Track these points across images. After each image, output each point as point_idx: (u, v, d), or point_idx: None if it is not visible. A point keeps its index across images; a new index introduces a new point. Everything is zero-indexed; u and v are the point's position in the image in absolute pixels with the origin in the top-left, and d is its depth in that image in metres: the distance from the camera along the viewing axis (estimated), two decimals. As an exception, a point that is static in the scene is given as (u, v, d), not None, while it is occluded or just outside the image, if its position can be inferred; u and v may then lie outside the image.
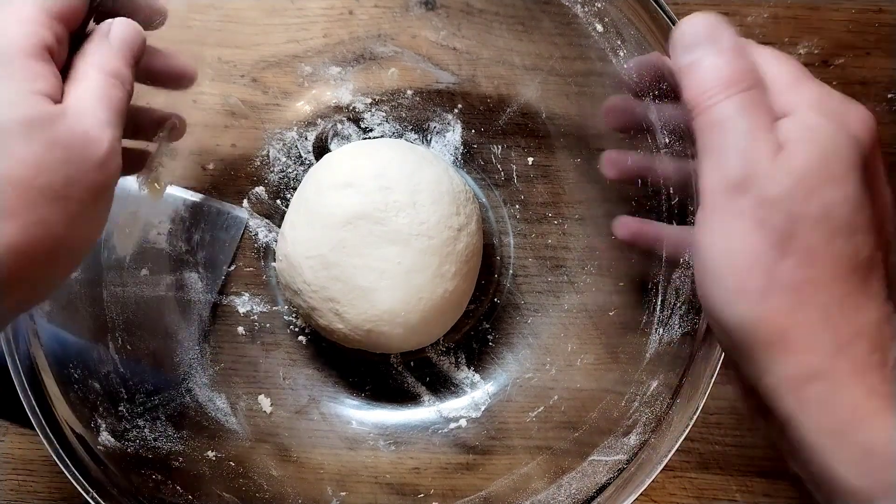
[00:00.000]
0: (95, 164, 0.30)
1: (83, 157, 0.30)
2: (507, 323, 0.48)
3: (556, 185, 0.48)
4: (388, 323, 0.44)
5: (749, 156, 0.29)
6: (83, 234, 0.32)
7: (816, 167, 0.29)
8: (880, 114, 0.47)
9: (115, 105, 0.32)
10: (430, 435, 0.47)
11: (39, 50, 0.30)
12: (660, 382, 0.40)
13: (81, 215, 0.30)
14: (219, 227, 0.48)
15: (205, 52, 0.40)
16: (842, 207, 0.28)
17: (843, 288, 0.28)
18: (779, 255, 0.29)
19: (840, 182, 0.29)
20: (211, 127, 0.47)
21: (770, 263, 0.29)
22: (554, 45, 0.45)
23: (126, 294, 0.44)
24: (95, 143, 0.30)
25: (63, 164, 0.29)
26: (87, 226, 0.31)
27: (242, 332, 0.48)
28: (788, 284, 0.29)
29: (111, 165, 0.31)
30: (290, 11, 0.47)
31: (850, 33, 0.47)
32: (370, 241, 0.43)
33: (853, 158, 0.29)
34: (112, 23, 0.33)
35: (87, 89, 0.31)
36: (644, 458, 0.38)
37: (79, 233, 0.31)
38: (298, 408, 0.47)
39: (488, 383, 0.48)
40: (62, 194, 0.29)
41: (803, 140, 0.29)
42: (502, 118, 0.48)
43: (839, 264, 0.28)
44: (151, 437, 0.42)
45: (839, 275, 0.28)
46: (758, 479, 0.46)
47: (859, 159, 0.29)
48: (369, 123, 0.49)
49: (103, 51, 0.32)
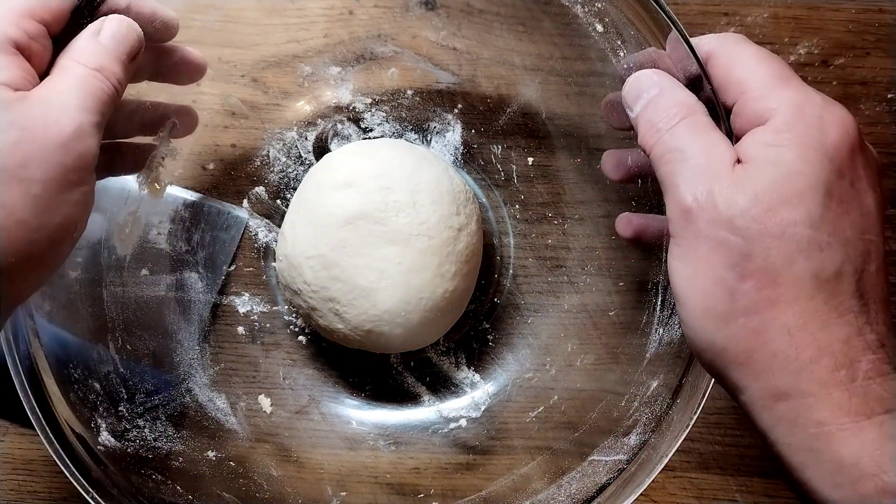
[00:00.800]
0: (57, 144, 0.30)
1: (44, 139, 0.30)
2: (507, 323, 0.48)
3: (556, 185, 0.48)
4: (389, 323, 0.44)
5: (701, 178, 0.30)
6: (59, 222, 0.31)
7: (773, 186, 0.29)
8: (880, 114, 0.47)
9: (92, 94, 0.32)
10: (430, 435, 0.47)
11: (2, 44, 0.30)
12: (660, 383, 0.40)
13: (50, 199, 0.30)
14: (219, 227, 0.48)
15: (205, 52, 0.40)
16: (802, 226, 0.28)
17: (808, 306, 0.28)
18: (738, 277, 0.29)
19: (800, 201, 0.28)
20: (211, 127, 0.47)
21: (730, 286, 0.29)
22: (554, 46, 0.45)
23: (126, 294, 0.44)
24: (57, 125, 0.30)
25: (17, 144, 0.29)
26: (59, 211, 0.31)
27: (242, 332, 0.48)
28: (750, 306, 0.29)
29: (77, 147, 0.30)
30: (290, 11, 0.47)
31: (850, 33, 0.47)
32: (370, 241, 0.43)
33: (819, 175, 0.29)
34: (104, 20, 0.33)
35: (62, 80, 0.31)
36: (644, 458, 0.38)
37: (53, 219, 0.31)
38: (298, 408, 0.47)
39: (488, 383, 0.48)
40: (20, 175, 0.29)
41: (764, 159, 0.29)
42: (502, 118, 0.48)
43: (801, 284, 0.28)
44: (151, 437, 0.42)
45: (802, 294, 0.28)
46: (758, 479, 0.46)
47: (828, 174, 0.29)
48: (369, 123, 0.49)
49: (88, 46, 0.33)
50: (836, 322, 0.28)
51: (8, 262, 0.30)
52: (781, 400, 0.28)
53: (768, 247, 0.28)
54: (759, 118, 0.30)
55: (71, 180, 0.31)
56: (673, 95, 0.32)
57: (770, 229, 0.28)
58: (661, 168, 0.31)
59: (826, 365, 0.28)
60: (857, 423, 0.27)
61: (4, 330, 0.37)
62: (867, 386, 0.28)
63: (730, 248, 0.29)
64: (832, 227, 0.29)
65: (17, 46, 0.31)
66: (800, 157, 0.29)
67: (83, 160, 0.31)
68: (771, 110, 0.30)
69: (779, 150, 0.29)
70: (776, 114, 0.30)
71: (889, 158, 0.47)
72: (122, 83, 0.33)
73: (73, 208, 0.31)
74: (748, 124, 0.31)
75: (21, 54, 0.31)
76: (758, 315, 0.29)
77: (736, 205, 0.29)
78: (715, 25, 0.48)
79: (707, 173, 0.30)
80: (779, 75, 0.31)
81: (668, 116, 0.31)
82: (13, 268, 0.30)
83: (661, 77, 0.33)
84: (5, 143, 0.29)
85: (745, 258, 0.28)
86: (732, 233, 0.29)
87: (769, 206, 0.28)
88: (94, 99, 0.32)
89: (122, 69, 0.33)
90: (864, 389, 0.28)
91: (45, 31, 0.32)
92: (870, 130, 0.47)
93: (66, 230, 0.32)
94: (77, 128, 0.30)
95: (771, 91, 0.30)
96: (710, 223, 0.29)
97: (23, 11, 0.31)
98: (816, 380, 0.28)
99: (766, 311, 0.28)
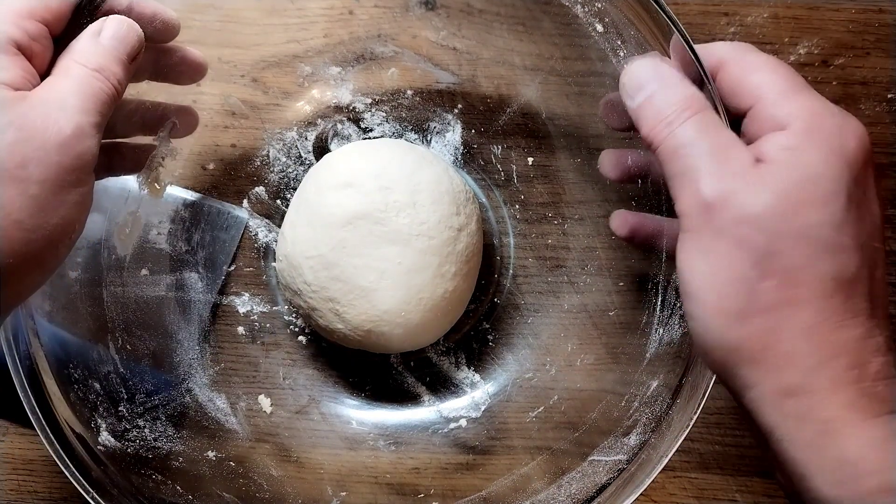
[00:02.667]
0: (56, 145, 0.30)
1: (42, 139, 0.30)
2: (507, 323, 0.48)
3: (556, 186, 0.48)
4: (389, 323, 0.44)
5: (721, 174, 0.29)
6: (57, 223, 0.31)
7: (798, 187, 0.29)
8: (880, 114, 0.47)
9: (92, 94, 0.32)
10: (430, 435, 0.47)
11: (3, 44, 0.30)
12: (660, 382, 0.40)
13: (47, 200, 0.30)
14: (219, 227, 0.48)
15: (205, 52, 0.40)
16: (825, 228, 0.29)
17: (826, 306, 0.28)
18: (759, 276, 0.29)
19: (824, 204, 0.29)
20: (211, 127, 0.48)
21: (751, 284, 0.29)
22: (554, 46, 0.45)
23: (126, 294, 0.44)
24: (56, 126, 0.30)
25: (15, 144, 0.29)
26: (57, 212, 0.31)
27: (242, 332, 0.48)
28: (769, 305, 0.29)
29: (76, 148, 0.30)
30: (290, 11, 0.47)
31: (850, 33, 0.47)
32: (370, 241, 0.43)
33: (841, 180, 0.29)
34: (105, 20, 0.34)
35: (62, 80, 0.32)
36: (644, 458, 0.38)
37: (51, 220, 0.30)
38: (298, 408, 0.47)
39: (488, 383, 0.48)
40: (18, 176, 0.29)
41: (786, 161, 0.29)
42: (502, 118, 0.48)
43: (822, 284, 0.28)
44: (151, 437, 0.42)
45: (822, 294, 0.28)
46: (758, 479, 0.46)
47: (848, 180, 0.29)
48: (369, 123, 0.49)
49: (88, 47, 0.33)
50: (850, 323, 0.29)
51: (5, 262, 0.30)
52: (791, 396, 0.29)
53: (792, 246, 0.28)
54: (776, 124, 0.30)
55: (69, 181, 0.31)
56: (680, 89, 0.32)
57: (794, 229, 0.28)
58: (674, 163, 0.31)
59: (839, 364, 0.28)
60: (864, 422, 0.28)
61: (5, 330, 0.37)
62: (875, 387, 0.28)
63: (753, 246, 0.29)
64: (853, 232, 0.29)
65: (18, 47, 0.31)
66: (823, 161, 0.29)
67: (82, 161, 0.31)
68: (789, 116, 0.30)
69: (801, 153, 0.29)
70: (795, 119, 0.30)
71: (889, 158, 0.47)
72: (123, 84, 0.33)
73: (71, 209, 0.31)
74: (762, 130, 0.31)
75: (22, 54, 0.31)
76: (776, 313, 0.29)
77: (760, 203, 0.29)
78: (715, 25, 0.48)
79: (728, 170, 0.29)
80: (792, 84, 0.31)
81: (677, 111, 0.31)
82: (10, 268, 0.30)
83: (664, 68, 0.32)
84: (3, 143, 0.29)
85: (769, 257, 0.28)
86: (758, 231, 0.29)
87: (794, 207, 0.29)
88: (94, 100, 0.32)
89: (123, 69, 0.33)
90: (872, 390, 0.28)
91: (46, 32, 0.32)
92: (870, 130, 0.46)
93: (63, 231, 0.31)
94: (76, 128, 0.30)
95: (787, 98, 0.30)
96: (732, 220, 0.29)
97: (24, 12, 0.31)
98: (828, 378, 0.28)
99: (785, 310, 0.29)
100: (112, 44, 0.33)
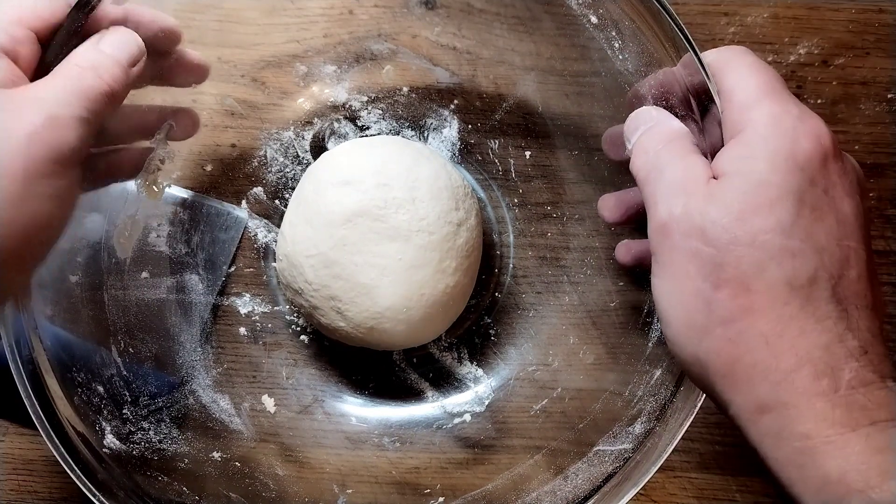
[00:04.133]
0: (25, 135, 0.29)
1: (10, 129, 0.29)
2: (508, 317, 0.49)
3: (555, 184, 0.48)
4: (391, 320, 0.44)
5: (674, 194, 0.30)
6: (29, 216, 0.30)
7: (744, 196, 0.29)
8: (880, 114, 0.48)
9: (80, 89, 0.31)
10: (435, 431, 0.47)
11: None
12: (663, 370, 0.40)
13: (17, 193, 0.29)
14: (218, 227, 0.48)
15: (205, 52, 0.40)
16: (772, 234, 0.28)
17: (783, 313, 0.28)
18: (712, 287, 0.29)
19: (770, 209, 0.29)
20: (210, 127, 0.47)
21: (706, 296, 0.29)
22: (554, 46, 0.45)
23: (127, 297, 0.44)
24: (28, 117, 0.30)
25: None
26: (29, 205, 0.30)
27: (244, 332, 0.48)
28: (727, 316, 0.29)
29: (47, 138, 0.30)
30: (290, 11, 0.46)
31: (850, 33, 0.47)
32: (370, 238, 0.43)
33: (790, 184, 0.29)
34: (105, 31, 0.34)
35: (51, 79, 0.32)
36: (649, 447, 0.38)
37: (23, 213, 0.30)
38: (302, 407, 0.47)
39: (491, 378, 0.48)
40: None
41: (735, 172, 0.29)
42: (499, 113, 0.48)
43: (775, 291, 0.28)
44: (156, 439, 0.42)
45: (776, 301, 0.28)
46: (758, 479, 0.47)
47: (800, 181, 0.29)
48: (366, 121, 0.49)
49: (86, 51, 0.33)
50: (814, 328, 0.28)
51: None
52: (765, 413, 0.28)
53: (740, 255, 0.28)
54: (736, 130, 0.31)
55: (40, 172, 0.30)
56: (664, 125, 0.33)
57: (741, 238, 0.29)
58: (644, 189, 0.32)
59: (807, 374, 0.28)
60: (842, 436, 0.27)
61: (7, 334, 0.37)
62: (850, 396, 0.28)
63: (703, 259, 0.29)
64: (804, 234, 0.29)
65: (3, 50, 0.31)
66: (770, 167, 0.29)
67: (55, 152, 0.30)
68: (748, 122, 0.30)
69: (750, 161, 0.29)
70: (753, 125, 0.30)
71: (889, 158, 0.48)
72: (120, 84, 0.33)
73: (45, 202, 0.31)
74: (726, 137, 0.31)
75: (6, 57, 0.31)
76: (734, 324, 0.29)
77: (707, 215, 0.29)
78: (715, 25, 0.48)
79: (682, 189, 0.30)
80: (765, 88, 0.31)
81: (655, 142, 0.33)
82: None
83: (658, 112, 0.34)
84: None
85: (718, 267, 0.29)
86: (705, 243, 0.29)
87: (739, 216, 0.29)
88: (80, 94, 0.31)
89: (120, 70, 0.33)
90: (847, 400, 0.27)
91: (33, 37, 0.32)
92: (870, 130, 0.48)
93: (38, 225, 0.31)
94: (47, 119, 0.30)
95: (753, 103, 0.31)
96: (683, 235, 0.30)
97: (13, 19, 0.31)
98: (798, 390, 0.28)
99: (743, 320, 0.29)
100: (110, 49, 0.33)
